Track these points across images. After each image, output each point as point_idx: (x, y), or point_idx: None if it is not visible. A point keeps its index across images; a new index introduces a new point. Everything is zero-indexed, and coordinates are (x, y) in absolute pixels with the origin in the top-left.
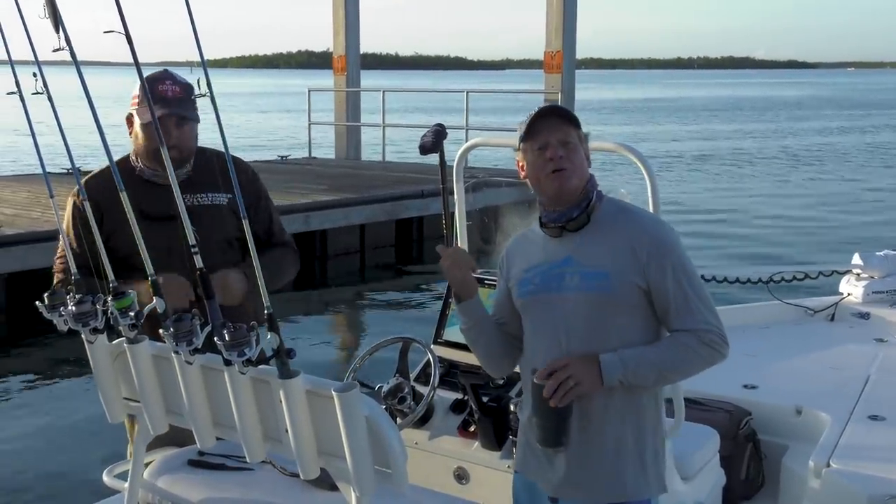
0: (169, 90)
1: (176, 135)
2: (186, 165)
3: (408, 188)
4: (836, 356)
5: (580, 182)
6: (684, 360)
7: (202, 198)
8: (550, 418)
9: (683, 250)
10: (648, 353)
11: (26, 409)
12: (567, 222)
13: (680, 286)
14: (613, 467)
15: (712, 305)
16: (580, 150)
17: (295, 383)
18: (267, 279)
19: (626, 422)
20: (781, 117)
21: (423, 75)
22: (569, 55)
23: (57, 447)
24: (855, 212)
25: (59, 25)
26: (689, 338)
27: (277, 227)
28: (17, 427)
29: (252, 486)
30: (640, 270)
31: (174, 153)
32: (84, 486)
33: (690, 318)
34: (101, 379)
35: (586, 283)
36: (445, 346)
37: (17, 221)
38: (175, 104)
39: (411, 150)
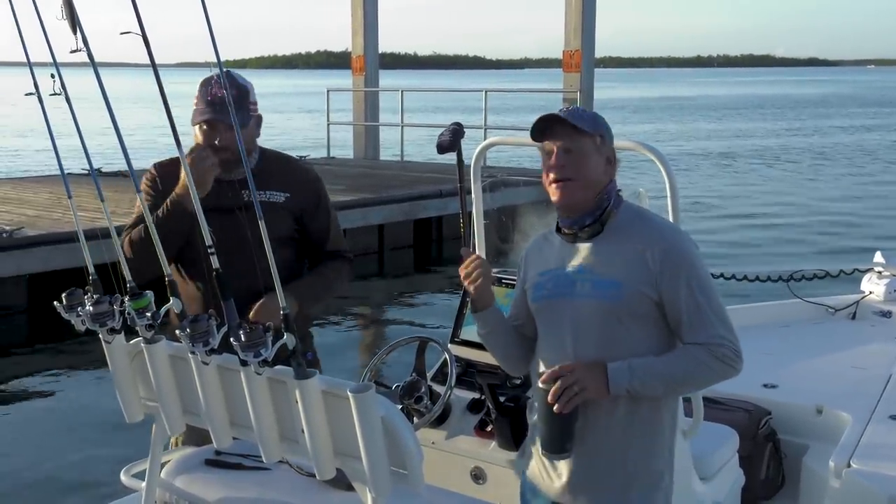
0: (219, 92)
1: (226, 137)
2: (253, 159)
3: (426, 188)
4: (858, 355)
5: (587, 192)
6: (694, 374)
7: (261, 194)
8: (555, 424)
9: (699, 260)
10: (658, 365)
11: (47, 408)
12: (580, 230)
13: (693, 297)
14: (619, 482)
15: (727, 318)
16: (591, 157)
17: (311, 384)
18: (314, 295)
19: (635, 437)
20: (803, 115)
21: (442, 75)
22: (588, 54)
23: (76, 446)
24: (877, 209)
25: (76, 26)
26: (700, 351)
27: (335, 234)
28: (38, 426)
29: (268, 486)
30: (652, 280)
31: (227, 154)
32: (102, 485)
33: (703, 331)
34: (119, 379)
35: (597, 291)
36: (462, 345)
37: (38, 223)
38: (220, 109)
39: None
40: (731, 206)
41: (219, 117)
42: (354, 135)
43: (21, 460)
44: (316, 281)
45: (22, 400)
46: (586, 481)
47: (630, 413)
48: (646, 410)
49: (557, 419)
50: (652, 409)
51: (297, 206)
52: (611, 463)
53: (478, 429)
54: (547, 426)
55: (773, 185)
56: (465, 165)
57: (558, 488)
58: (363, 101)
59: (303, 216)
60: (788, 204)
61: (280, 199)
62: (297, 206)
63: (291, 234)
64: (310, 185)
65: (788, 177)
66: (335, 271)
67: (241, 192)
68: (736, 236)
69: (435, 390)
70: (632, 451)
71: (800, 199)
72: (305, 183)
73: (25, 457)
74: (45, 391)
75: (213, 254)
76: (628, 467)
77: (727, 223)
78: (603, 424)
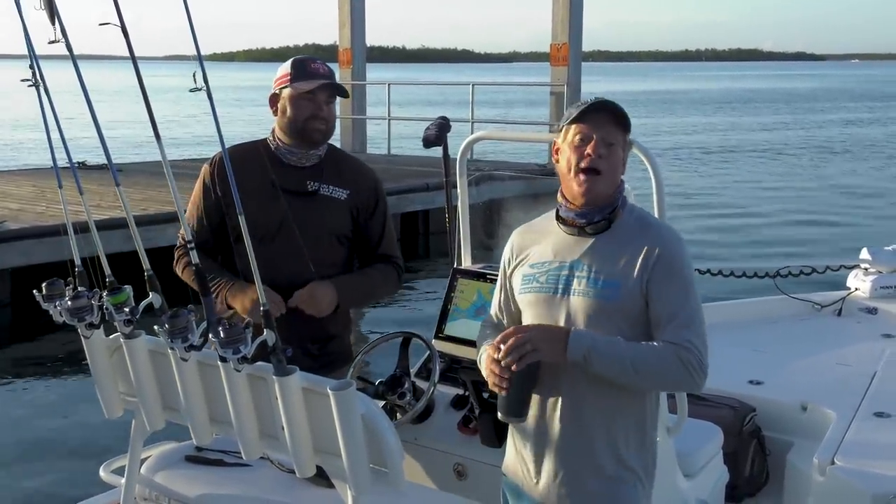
0: (321, 67)
1: (326, 110)
2: (321, 149)
3: (413, 182)
4: (843, 352)
5: (609, 188)
6: (655, 367)
7: (325, 188)
8: (511, 386)
9: (690, 268)
10: (621, 345)
11: (29, 402)
12: (588, 224)
13: (675, 301)
14: (601, 478)
15: (703, 330)
16: (620, 155)
17: (291, 381)
18: (360, 297)
19: (616, 431)
20: (791, 110)
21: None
22: (575, 47)
23: (57, 442)
24: (864, 206)
25: (54, 17)
26: (666, 349)
27: (388, 238)
28: (19, 420)
29: (249, 483)
30: (644, 281)
31: (322, 125)
32: (82, 481)
33: (675, 333)
34: (98, 374)
35: (595, 289)
36: (447, 341)
37: (21, 216)
38: (328, 79)
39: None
40: (717, 202)
41: (332, 82)
42: (341, 128)
43: (4, 456)
44: (360, 280)
45: (4, 394)
46: (567, 482)
47: (612, 410)
48: (628, 407)
49: (513, 382)
50: (635, 406)
51: (357, 204)
52: (592, 461)
53: (461, 425)
54: (507, 390)
55: (760, 180)
56: (451, 159)
57: (541, 489)
58: (350, 94)
59: (360, 215)
60: (775, 200)
61: (342, 195)
62: (356, 204)
63: (347, 232)
64: (371, 185)
65: (775, 172)
66: (383, 274)
67: (307, 181)
68: (722, 232)
69: (418, 386)
70: (613, 449)
71: (786, 195)
72: (367, 183)
73: (4, 450)
74: (27, 385)
75: (192, 248)
76: (609, 465)
77: (713, 219)
78: (585, 422)
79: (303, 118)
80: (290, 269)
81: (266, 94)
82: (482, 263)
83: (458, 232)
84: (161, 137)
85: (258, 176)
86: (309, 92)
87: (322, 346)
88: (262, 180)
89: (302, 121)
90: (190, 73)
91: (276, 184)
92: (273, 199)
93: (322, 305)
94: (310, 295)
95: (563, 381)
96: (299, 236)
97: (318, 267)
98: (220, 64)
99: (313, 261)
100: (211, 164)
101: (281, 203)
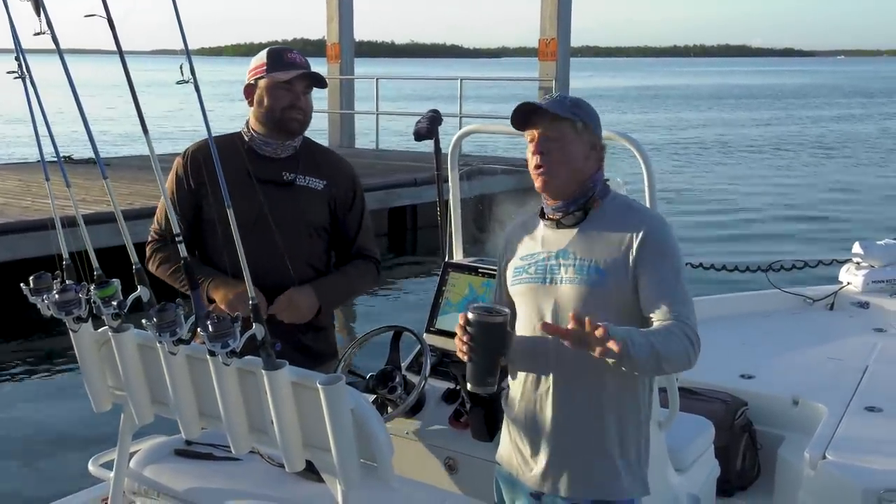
0: (297, 58)
1: (303, 100)
2: (297, 140)
3: (401, 176)
4: (835, 346)
5: (568, 178)
6: (674, 347)
7: (301, 178)
8: (479, 354)
9: (678, 250)
10: (647, 334)
11: (15, 397)
12: (563, 216)
13: (668, 282)
14: (596, 465)
15: (694, 311)
16: (571, 143)
17: (280, 375)
18: (341, 297)
19: (610, 420)
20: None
21: (419, 63)
22: (563, 43)
23: (45, 436)
24: (856, 200)
25: (40, 8)
26: (676, 327)
27: (365, 232)
28: (5, 415)
29: (239, 477)
30: (631, 266)
31: (300, 115)
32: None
33: (675, 312)
34: (87, 368)
35: (580, 276)
36: (438, 335)
37: (7, 210)
38: (308, 68)
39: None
40: (708, 196)
41: (309, 73)
42: (329, 123)
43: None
44: (340, 281)
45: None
46: (563, 466)
47: (604, 397)
48: (620, 395)
49: (480, 350)
50: (627, 393)
51: (334, 196)
52: (588, 447)
53: (452, 419)
54: (475, 358)
55: (752, 174)
56: (443, 153)
57: (536, 476)
58: (338, 89)
59: (338, 208)
60: (767, 194)
61: (318, 186)
62: (333, 196)
63: (325, 224)
64: (348, 178)
65: (767, 166)
66: (360, 271)
67: (283, 172)
68: (714, 226)
69: (409, 380)
70: (608, 434)
71: (778, 189)
72: (344, 175)
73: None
74: (13, 380)
75: (180, 243)
76: (605, 450)
77: (705, 213)
78: (581, 409)
79: (280, 108)
80: (267, 263)
81: None
82: (473, 257)
83: (449, 225)
84: (149, 131)
85: (233, 167)
86: (286, 81)
87: (307, 341)
88: (238, 172)
89: (279, 110)
90: (176, 68)
91: (251, 174)
92: (249, 190)
93: (302, 311)
94: (289, 302)
95: (554, 367)
96: (275, 229)
97: (296, 261)
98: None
99: (291, 254)
100: (184, 156)
101: (257, 194)
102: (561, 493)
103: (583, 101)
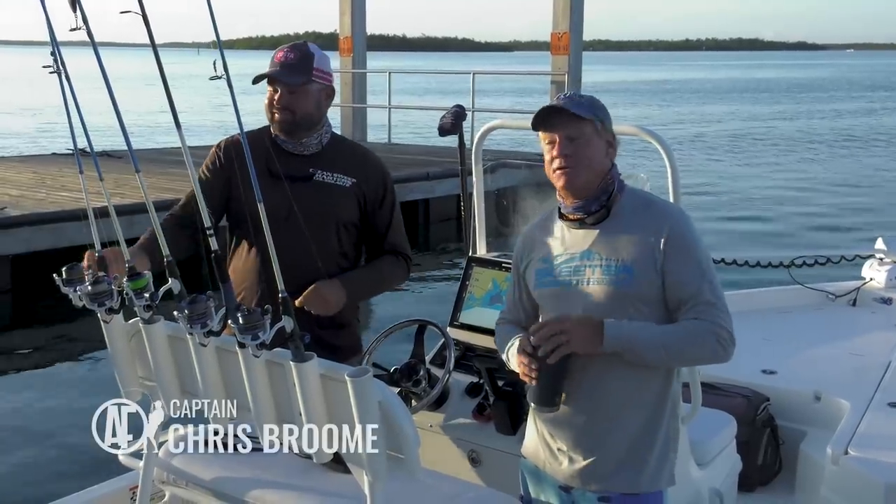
0: (281, 55)
1: (287, 98)
2: (314, 136)
3: (413, 170)
4: (857, 342)
5: (591, 176)
6: (692, 346)
7: (327, 175)
8: (543, 376)
9: (702, 243)
10: (655, 329)
11: (44, 386)
12: (586, 215)
13: (697, 278)
14: (626, 457)
15: (725, 304)
16: (593, 143)
17: (309, 367)
18: (368, 291)
19: (639, 412)
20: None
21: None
22: (576, 37)
23: (67, 426)
24: (879, 196)
25: (75, 4)
26: (701, 326)
27: (396, 229)
28: (28, 406)
29: (266, 468)
30: (658, 264)
31: (278, 113)
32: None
33: (706, 311)
34: (117, 358)
35: (608, 276)
36: (461, 328)
37: (22, 203)
38: (280, 68)
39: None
40: (730, 192)
41: (276, 74)
42: (342, 116)
43: (9, 443)
44: (367, 275)
45: (6, 381)
46: (594, 460)
47: (634, 392)
48: (650, 391)
49: (545, 372)
50: (656, 390)
51: (363, 193)
52: (617, 440)
53: (476, 412)
54: (538, 381)
55: (774, 169)
56: (466, 148)
57: (565, 470)
58: (351, 82)
59: (367, 205)
60: (790, 189)
61: (346, 183)
62: (363, 193)
63: (354, 221)
64: (379, 175)
65: (790, 162)
66: (390, 267)
67: (308, 168)
68: (736, 222)
69: (433, 374)
70: (637, 427)
71: (801, 185)
72: (375, 173)
73: (18, 436)
74: (28, 373)
75: (211, 236)
76: (634, 443)
77: (727, 208)
78: (610, 403)
79: (266, 106)
80: (296, 257)
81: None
82: (497, 252)
83: (472, 220)
84: (181, 125)
85: (261, 163)
86: (266, 80)
87: (327, 337)
88: (264, 167)
89: (266, 108)
90: (189, 61)
91: (273, 171)
92: (275, 187)
93: (329, 304)
94: (316, 295)
95: (585, 363)
96: (304, 224)
97: (325, 256)
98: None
99: (320, 250)
100: (218, 146)
101: (284, 190)
102: (591, 487)
103: (595, 98)
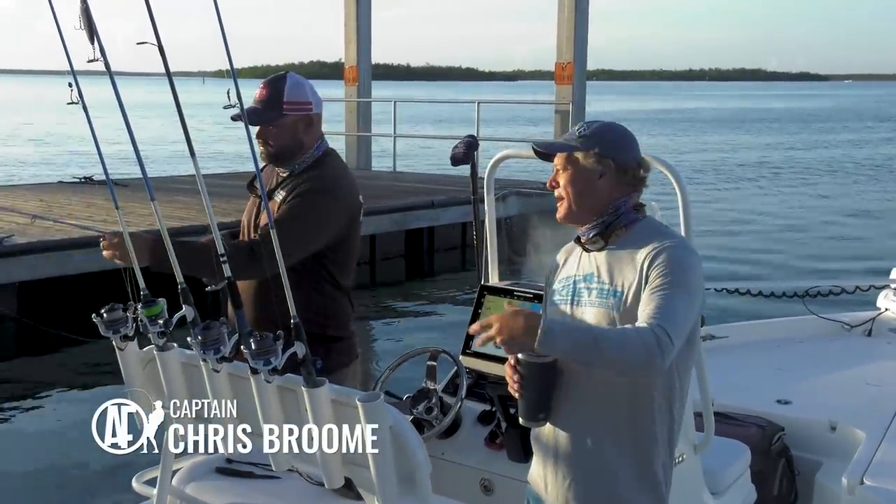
0: (259, 93)
1: (263, 132)
2: (297, 163)
3: (418, 199)
4: (873, 372)
5: (581, 206)
6: (620, 343)
7: (279, 195)
8: (528, 390)
9: (692, 272)
10: (595, 326)
11: (44, 416)
12: (587, 241)
13: (659, 289)
14: (613, 488)
15: (677, 320)
16: (582, 172)
17: (321, 392)
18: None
19: (626, 442)
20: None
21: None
22: (580, 66)
23: (78, 454)
24: (894, 226)
25: (93, 36)
26: (633, 327)
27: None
28: (37, 434)
29: (278, 495)
30: (644, 286)
31: (266, 147)
32: (115, 491)
33: (647, 313)
34: (132, 385)
35: (600, 299)
36: (474, 357)
37: (29, 230)
38: (253, 105)
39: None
40: (742, 221)
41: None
42: (347, 145)
43: (18, 471)
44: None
45: (12, 409)
46: (583, 491)
47: (622, 420)
48: (640, 419)
49: (530, 386)
50: (646, 418)
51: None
52: (601, 469)
53: (488, 440)
54: (525, 393)
55: (787, 199)
56: (478, 178)
57: (554, 496)
58: (356, 111)
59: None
60: (803, 219)
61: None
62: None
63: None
64: (300, 187)
65: (804, 192)
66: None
67: (276, 190)
68: (749, 251)
69: (445, 401)
70: (630, 460)
71: (814, 214)
72: (301, 186)
73: (28, 464)
74: (35, 400)
75: (225, 263)
76: (625, 476)
77: (739, 238)
78: (594, 430)
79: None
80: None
81: None
82: (509, 280)
83: (485, 248)
84: (196, 154)
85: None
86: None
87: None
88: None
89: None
90: (187, 89)
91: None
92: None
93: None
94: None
95: (569, 390)
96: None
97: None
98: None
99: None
100: None
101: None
102: None
103: (605, 126)
